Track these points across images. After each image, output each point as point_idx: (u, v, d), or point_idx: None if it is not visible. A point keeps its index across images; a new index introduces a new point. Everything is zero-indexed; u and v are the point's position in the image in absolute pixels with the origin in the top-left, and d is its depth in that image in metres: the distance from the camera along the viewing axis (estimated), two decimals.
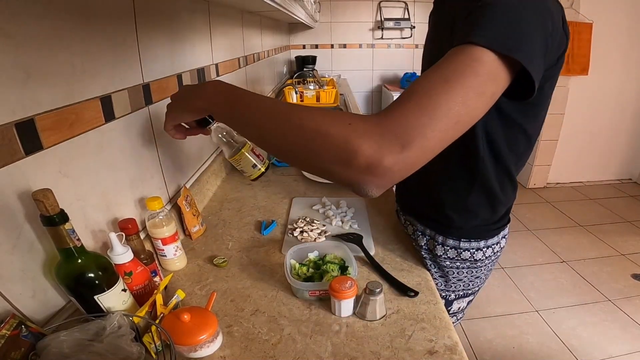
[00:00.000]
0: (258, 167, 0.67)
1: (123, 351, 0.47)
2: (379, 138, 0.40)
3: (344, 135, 0.41)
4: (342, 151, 0.41)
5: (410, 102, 0.42)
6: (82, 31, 0.58)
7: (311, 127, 0.43)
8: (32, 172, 0.50)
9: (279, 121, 0.47)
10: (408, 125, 0.41)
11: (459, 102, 0.42)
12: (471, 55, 0.44)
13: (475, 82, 0.43)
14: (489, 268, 0.85)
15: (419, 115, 0.41)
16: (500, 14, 0.47)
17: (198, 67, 1.09)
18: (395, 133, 0.40)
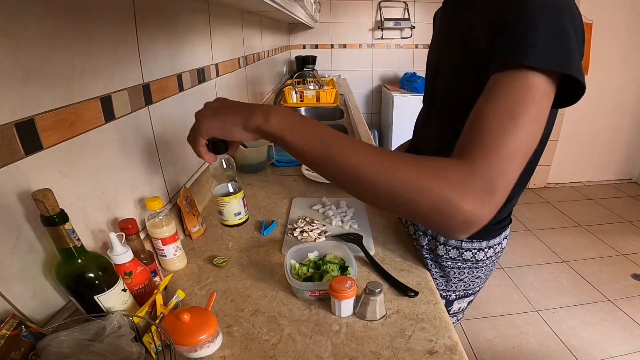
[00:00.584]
0: (241, 216, 0.60)
1: (123, 351, 0.47)
2: (474, 193, 0.42)
3: (444, 192, 0.42)
4: (443, 208, 0.43)
5: (490, 149, 0.44)
6: (82, 31, 0.58)
7: (411, 182, 0.44)
8: (32, 172, 0.50)
9: (375, 171, 0.45)
10: (493, 175, 0.43)
11: (528, 137, 0.44)
12: (526, 82, 0.45)
13: (536, 110, 0.45)
14: (490, 268, 0.85)
15: (500, 163, 0.43)
16: (544, 25, 0.46)
17: (198, 67, 1.09)
18: (485, 185, 0.43)
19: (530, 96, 0.44)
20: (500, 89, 0.46)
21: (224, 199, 0.56)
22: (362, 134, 1.81)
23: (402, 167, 0.45)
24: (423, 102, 0.85)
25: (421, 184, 0.43)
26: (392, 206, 0.47)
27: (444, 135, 0.74)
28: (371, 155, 0.46)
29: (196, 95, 1.08)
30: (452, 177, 0.43)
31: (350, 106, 2.45)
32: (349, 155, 0.46)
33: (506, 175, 0.43)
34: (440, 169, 0.44)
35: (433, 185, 0.43)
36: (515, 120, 0.44)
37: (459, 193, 0.42)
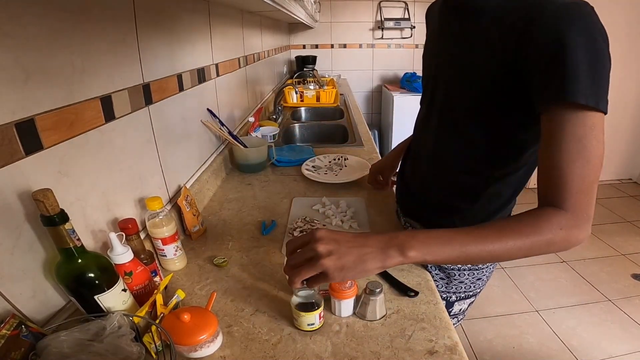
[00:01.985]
0: (314, 325, 0.60)
1: (123, 351, 0.47)
2: (581, 231, 0.55)
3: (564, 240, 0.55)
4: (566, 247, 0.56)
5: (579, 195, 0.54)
6: (82, 31, 0.58)
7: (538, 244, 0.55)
8: (32, 172, 0.50)
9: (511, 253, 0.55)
10: (587, 210, 0.55)
11: (598, 169, 0.53)
12: (587, 124, 0.50)
13: (600, 145, 0.52)
14: (491, 270, 0.85)
15: (588, 199, 0.54)
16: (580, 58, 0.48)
17: (198, 67, 1.09)
18: (584, 218, 0.55)
19: (594, 136, 0.51)
20: (565, 132, 0.52)
21: (301, 313, 0.60)
22: (362, 133, 1.81)
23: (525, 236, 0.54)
24: (420, 104, 0.84)
25: (547, 243, 0.54)
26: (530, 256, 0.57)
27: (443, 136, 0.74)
28: (499, 242, 0.54)
29: (196, 95, 1.08)
30: (565, 228, 0.54)
31: (350, 106, 2.45)
32: (486, 253, 0.54)
33: (593, 202, 0.55)
34: (553, 225, 0.54)
35: (556, 240, 0.54)
36: (588, 162, 0.52)
37: (573, 237, 0.55)
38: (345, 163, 1.36)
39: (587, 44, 0.48)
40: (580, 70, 0.48)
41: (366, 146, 1.63)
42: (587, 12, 0.49)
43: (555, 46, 0.49)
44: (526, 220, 0.56)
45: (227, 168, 1.32)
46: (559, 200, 0.55)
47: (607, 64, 0.50)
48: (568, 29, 0.48)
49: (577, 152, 0.51)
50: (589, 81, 0.48)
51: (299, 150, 1.53)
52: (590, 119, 0.50)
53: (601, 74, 0.49)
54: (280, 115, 2.14)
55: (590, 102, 0.49)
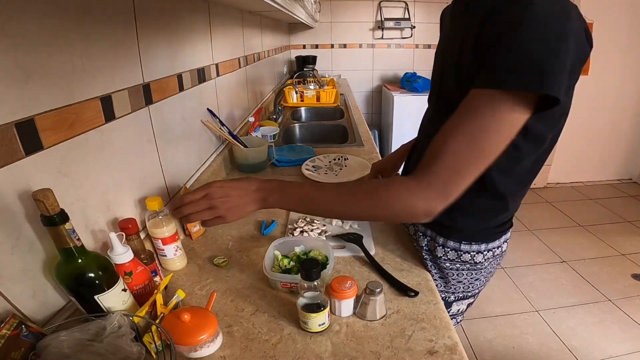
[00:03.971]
0: (324, 325, 0.62)
1: (123, 351, 0.47)
2: (430, 199, 0.55)
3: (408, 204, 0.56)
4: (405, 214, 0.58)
5: (447, 171, 0.53)
6: (82, 31, 0.58)
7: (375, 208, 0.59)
8: (32, 172, 0.50)
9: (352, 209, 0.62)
10: (447, 185, 0.54)
11: (485, 156, 0.52)
12: (494, 106, 0.50)
13: (498, 135, 0.51)
14: (489, 271, 0.85)
15: (454, 177, 0.53)
16: (526, 46, 0.48)
17: (198, 67, 1.09)
18: (439, 193, 0.54)
19: (495, 123, 0.50)
20: (471, 108, 0.53)
21: (311, 314, 0.60)
22: (362, 133, 1.81)
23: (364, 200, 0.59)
24: (428, 102, 0.84)
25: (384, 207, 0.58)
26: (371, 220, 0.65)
27: None
28: (344, 200, 0.61)
29: (196, 95, 1.08)
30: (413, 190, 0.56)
31: (351, 106, 2.45)
32: (326, 206, 0.62)
33: (459, 184, 0.54)
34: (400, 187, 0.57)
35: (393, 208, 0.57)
36: (475, 144, 0.51)
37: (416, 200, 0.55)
38: (345, 163, 1.36)
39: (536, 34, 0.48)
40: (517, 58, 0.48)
41: (366, 146, 1.63)
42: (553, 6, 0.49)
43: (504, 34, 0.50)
44: (369, 187, 0.61)
45: (227, 168, 1.32)
46: (421, 167, 0.56)
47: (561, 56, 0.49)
48: (521, 18, 0.48)
49: (471, 128, 0.51)
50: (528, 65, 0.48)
51: (299, 150, 1.53)
52: (502, 102, 0.50)
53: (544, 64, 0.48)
54: (280, 115, 2.14)
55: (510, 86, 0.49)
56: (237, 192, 0.64)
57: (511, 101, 0.50)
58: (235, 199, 0.64)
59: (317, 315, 0.60)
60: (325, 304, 0.61)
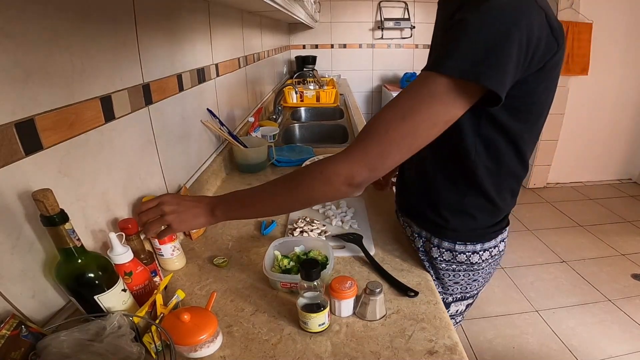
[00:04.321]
0: (324, 325, 0.63)
1: (123, 351, 0.47)
2: (352, 164, 0.55)
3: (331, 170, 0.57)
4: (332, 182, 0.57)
5: (372, 141, 0.54)
6: (82, 31, 0.58)
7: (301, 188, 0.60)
8: (32, 172, 0.50)
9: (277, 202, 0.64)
10: (369, 155, 0.54)
11: (411, 136, 0.53)
12: (429, 87, 0.51)
13: (429, 116, 0.52)
14: (488, 272, 0.84)
15: (378, 149, 0.54)
16: (472, 37, 0.49)
17: (198, 67, 1.09)
18: (362, 161, 0.55)
19: (427, 103, 0.51)
20: (409, 88, 0.54)
21: (311, 314, 0.61)
22: None
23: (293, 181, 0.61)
24: None
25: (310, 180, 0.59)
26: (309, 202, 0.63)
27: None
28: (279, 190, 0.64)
29: (196, 95, 1.08)
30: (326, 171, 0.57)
31: (350, 106, 2.45)
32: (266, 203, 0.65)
33: (383, 160, 0.54)
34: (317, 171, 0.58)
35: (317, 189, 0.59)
36: (404, 121, 0.52)
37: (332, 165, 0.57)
38: None
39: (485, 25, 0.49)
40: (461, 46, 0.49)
41: None
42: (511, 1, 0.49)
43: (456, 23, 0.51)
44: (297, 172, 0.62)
45: (227, 168, 1.32)
46: (352, 143, 0.57)
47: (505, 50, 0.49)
48: (474, 10, 0.49)
49: (403, 103, 0.53)
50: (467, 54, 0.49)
51: (299, 150, 1.53)
52: (437, 84, 0.51)
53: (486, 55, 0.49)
54: (280, 115, 2.14)
55: (444, 71, 0.49)
56: (188, 203, 0.67)
57: (446, 86, 0.51)
58: (185, 209, 0.66)
59: (317, 315, 0.60)
60: (325, 304, 0.61)
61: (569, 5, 2.82)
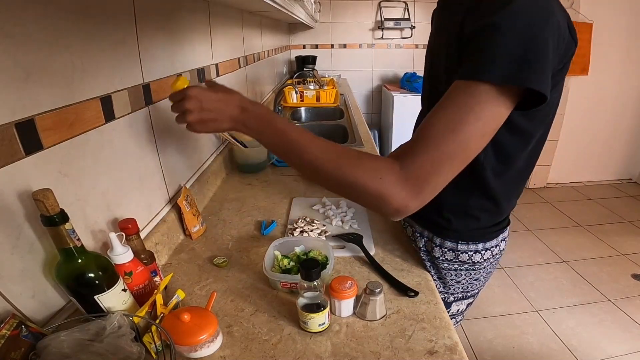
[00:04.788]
0: (324, 325, 0.62)
1: (123, 351, 0.47)
2: (403, 192, 0.52)
3: (378, 190, 0.53)
4: (377, 202, 0.54)
5: (425, 155, 0.51)
6: (82, 31, 0.58)
7: (353, 180, 0.54)
8: (32, 172, 0.50)
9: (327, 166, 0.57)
10: (421, 178, 0.52)
11: (463, 149, 0.51)
12: (476, 97, 0.49)
13: (479, 126, 0.50)
14: (488, 271, 0.84)
15: (432, 169, 0.51)
16: (508, 40, 0.48)
17: (198, 67, 1.09)
18: (415, 185, 0.52)
19: (474, 114, 0.50)
20: (453, 98, 0.52)
21: (311, 314, 0.60)
22: (362, 133, 1.81)
23: (346, 165, 0.55)
24: (421, 103, 0.85)
25: (360, 183, 0.54)
26: (340, 193, 0.58)
27: None
28: (326, 152, 0.57)
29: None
30: (385, 179, 0.52)
31: (351, 106, 2.45)
32: (308, 158, 0.58)
33: (436, 177, 0.52)
34: (376, 171, 0.53)
35: (368, 184, 0.53)
36: (454, 134, 0.50)
37: (389, 192, 0.52)
38: None
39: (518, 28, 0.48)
40: (499, 51, 0.48)
41: (366, 146, 1.63)
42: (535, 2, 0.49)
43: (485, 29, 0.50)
44: (357, 154, 0.56)
45: (227, 168, 1.32)
46: (403, 150, 0.54)
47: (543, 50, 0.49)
48: (502, 13, 0.48)
49: (451, 117, 0.50)
50: (510, 60, 0.48)
51: None
52: (484, 94, 0.49)
53: (527, 58, 0.48)
54: (281, 115, 2.14)
55: (489, 79, 0.48)
56: (213, 105, 0.61)
57: (491, 94, 0.49)
58: (208, 111, 0.61)
59: (317, 315, 0.60)
60: (325, 304, 0.61)
61: (569, 5, 2.82)
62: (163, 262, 0.81)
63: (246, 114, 0.61)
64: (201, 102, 0.61)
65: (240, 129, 0.62)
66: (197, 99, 0.61)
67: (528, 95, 0.51)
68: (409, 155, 0.53)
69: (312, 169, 0.58)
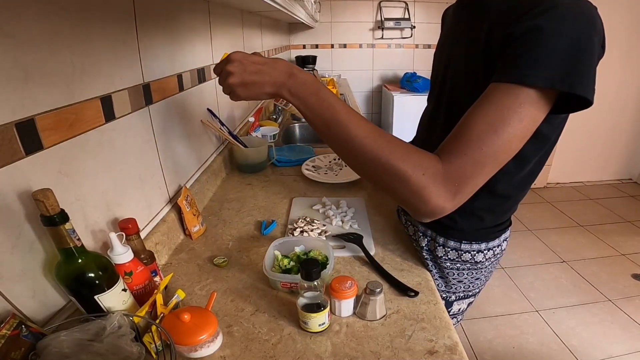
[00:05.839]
0: (324, 325, 0.62)
1: (123, 351, 0.47)
2: (442, 191, 0.51)
3: (419, 185, 0.52)
4: (415, 198, 0.53)
5: (466, 156, 0.51)
6: (82, 31, 0.58)
7: (395, 169, 0.53)
8: (32, 172, 0.50)
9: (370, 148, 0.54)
10: (463, 178, 0.51)
11: (505, 151, 0.50)
12: (517, 99, 0.49)
13: (520, 128, 0.50)
14: (490, 270, 0.85)
15: (473, 170, 0.51)
16: (554, 44, 0.47)
17: (198, 67, 1.09)
18: (454, 186, 0.51)
19: (517, 115, 0.49)
20: (494, 99, 0.50)
21: (311, 314, 0.60)
22: None
23: (393, 153, 0.53)
24: (428, 101, 0.84)
25: (402, 174, 0.52)
26: (376, 183, 0.56)
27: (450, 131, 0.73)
28: (374, 134, 0.54)
29: (196, 95, 1.08)
30: (428, 175, 0.51)
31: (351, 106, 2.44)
32: (354, 135, 0.54)
33: (475, 179, 0.51)
34: (420, 165, 0.52)
35: (411, 177, 0.52)
36: (496, 135, 0.49)
37: (429, 190, 0.51)
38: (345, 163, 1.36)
39: (565, 32, 0.47)
40: (545, 55, 0.47)
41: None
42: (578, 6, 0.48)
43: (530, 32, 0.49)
44: (404, 145, 0.55)
45: (227, 168, 1.32)
46: (444, 150, 0.53)
47: (590, 55, 0.48)
48: (547, 16, 0.48)
49: (492, 118, 0.50)
50: (556, 64, 0.47)
51: (299, 150, 1.53)
52: (524, 96, 0.49)
53: (574, 63, 0.47)
54: (280, 115, 2.14)
55: (534, 82, 0.48)
56: (254, 67, 0.58)
57: (534, 97, 0.49)
58: (249, 76, 0.58)
59: (317, 315, 0.60)
60: (325, 304, 0.61)
61: None
62: (163, 262, 0.81)
63: (293, 80, 0.58)
64: (244, 65, 0.59)
65: (283, 95, 0.59)
66: (240, 61, 0.59)
67: (565, 99, 0.51)
68: (451, 154, 0.52)
69: (353, 148, 0.55)
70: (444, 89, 0.74)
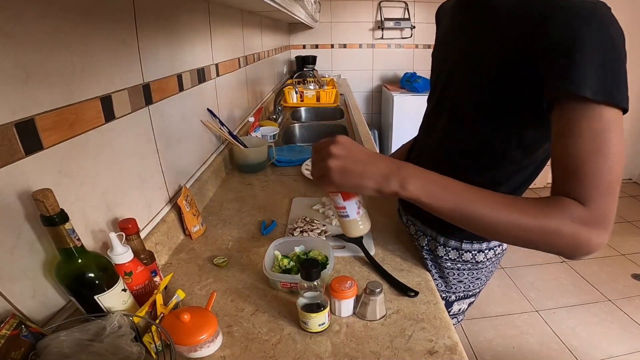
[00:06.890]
0: (324, 325, 0.62)
1: (123, 351, 0.47)
2: (596, 229, 0.50)
3: (573, 234, 0.50)
4: (570, 246, 0.51)
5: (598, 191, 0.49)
6: (82, 31, 0.58)
7: (545, 228, 0.50)
8: (32, 172, 0.50)
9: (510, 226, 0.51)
10: (606, 211, 0.50)
11: (619, 168, 0.51)
12: (604, 117, 0.49)
13: (619, 142, 0.51)
14: (490, 270, 0.85)
15: (609, 199, 0.50)
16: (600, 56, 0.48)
17: (198, 67, 1.09)
18: (603, 221, 0.50)
19: (612, 132, 0.50)
20: (581, 126, 0.50)
21: (311, 314, 0.60)
22: (362, 133, 1.81)
23: (532, 217, 0.50)
24: (428, 102, 0.84)
25: (553, 228, 0.50)
26: (530, 246, 0.52)
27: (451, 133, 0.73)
28: (503, 211, 0.51)
29: (196, 95, 1.08)
30: (576, 219, 0.49)
31: (350, 106, 2.45)
32: (484, 214, 0.51)
33: (613, 207, 0.50)
34: (564, 212, 0.50)
35: (563, 227, 0.50)
36: (607, 158, 0.49)
37: (585, 232, 0.50)
38: None
39: (601, 40, 0.47)
40: (591, 66, 0.47)
41: (366, 146, 1.62)
42: (602, 10, 0.48)
43: (568, 42, 0.49)
44: (537, 202, 0.51)
45: (227, 168, 1.32)
46: (577, 192, 0.50)
47: (623, 62, 0.49)
48: (583, 26, 0.48)
49: (596, 147, 0.49)
50: (601, 76, 0.47)
51: (299, 150, 1.53)
52: (607, 114, 0.49)
53: (616, 71, 0.48)
54: (280, 115, 2.14)
55: (599, 97, 0.48)
56: (364, 156, 0.53)
57: (613, 113, 0.50)
58: (354, 160, 0.52)
59: (317, 315, 0.60)
60: (325, 304, 0.61)
61: None
62: (163, 262, 0.81)
63: (406, 170, 0.53)
64: (351, 151, 0.53)
65: (391, 187, 0.52)
66: (345, 146, 0.54)
67: None
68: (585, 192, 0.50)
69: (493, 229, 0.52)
70: (445, 90, 0.74)
